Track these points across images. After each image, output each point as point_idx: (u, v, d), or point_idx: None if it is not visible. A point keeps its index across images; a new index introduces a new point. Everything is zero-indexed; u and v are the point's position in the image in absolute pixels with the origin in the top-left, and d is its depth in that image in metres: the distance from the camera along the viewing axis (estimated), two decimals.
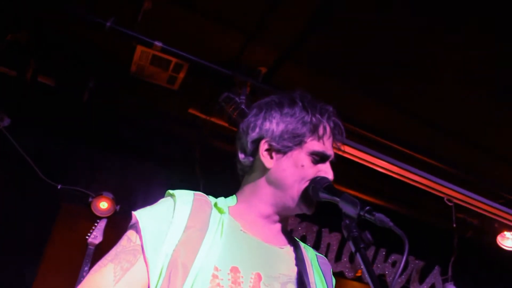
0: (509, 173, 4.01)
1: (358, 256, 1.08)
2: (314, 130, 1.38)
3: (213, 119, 3.83)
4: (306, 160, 1.37)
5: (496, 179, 4.04)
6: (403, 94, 3.47)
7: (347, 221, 1.14)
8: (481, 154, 3.82)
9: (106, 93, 3.56)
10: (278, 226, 1.45)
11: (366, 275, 1.05)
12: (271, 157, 1.39)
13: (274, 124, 1.40)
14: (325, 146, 1.40)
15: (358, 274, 4.46)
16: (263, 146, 1.40)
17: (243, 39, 3.19)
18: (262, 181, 1.41)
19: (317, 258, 1.50)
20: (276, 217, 1.42)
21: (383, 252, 4.57)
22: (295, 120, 1.38)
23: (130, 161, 3.86)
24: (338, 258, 4.42)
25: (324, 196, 1.27)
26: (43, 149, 3.67)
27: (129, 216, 1.33)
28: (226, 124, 3.54)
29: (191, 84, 3.63)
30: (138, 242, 1.22)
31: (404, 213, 4.16)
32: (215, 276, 1.18)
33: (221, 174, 3.10)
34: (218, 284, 1.18)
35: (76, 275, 3.42)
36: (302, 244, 1.50)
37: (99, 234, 3.59)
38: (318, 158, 1.38)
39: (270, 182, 1.39)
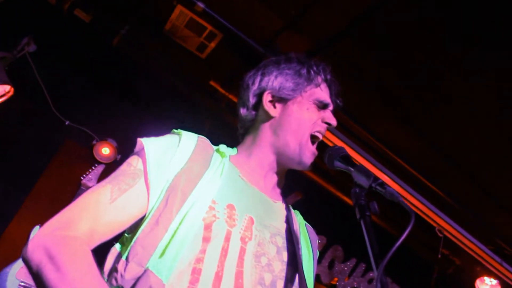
0: (509, 224, 4.01)
1: (361, 223, 1.10)
2: (310, 79, 1.46)
3: (231, 96, 3.85)
4: (309, 105, 1.45)
5: (494, 224, 4.04)
6: (420, 114, 3.49)
7: (357, 190, 1.16)
8: (486, 196, 3.82)
9: (136, 43, 3.57)
10: (275, 179, 1.48)
11: (367, 243, 1.06)
12: (275, 107, 1.46)
13: (273, 77, 1.48)
14: (324, 94, 1.48)
15: (333, 282, 4.47)
16: (266, 97, 1.47)
17: (282, 23, 3.22)
18: (265, 131, 1.46)
19: (305, 225, 1.54)
20: (275, 167, 1.46)
21: (362, 266, 4.58)
22: (292, 72, 1.47)
23: (143, 115, 3.87)
24: (318, 261, 4.41)
25: (338, 164, 1.30)
26: (61, 83, 3.68)
27: None
28: None
29: (219, 56, 3.65)
30: (140, 166, 1.25)
31: (391, 232, 4.16)
32: (211, 208, 1.21)
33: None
34: (214, 215, 1.21)
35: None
36: (292, 209, 1.54)
37: (94, 178, 3.61)
38: (320, 104, 1.46)
39: (274, 131, 1.45)
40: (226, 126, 3.76)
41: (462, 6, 2.67)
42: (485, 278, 4.42)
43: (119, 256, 1.19)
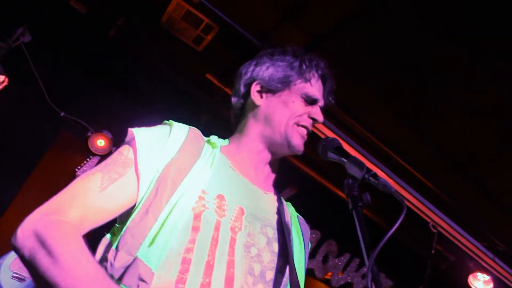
0: (503, 220, 4.03)
1: (354, 214, 1.09)
2: (301, 73, 1.46)
3: (227, 90, 3.84)
4: (296, 98, 1.44)
5: (488, 221, 4.05)
6: (418, 112, 3.50)
7: (350, 181, 1.16)
8: (481, 193, 3.83)
9: (132, 35, 3.55)
10: (267, 170, 1.48)
11: (359, 234, 1.05)
12: (261, 97, 1.47)
13: (265, 67, 1.48)
14: (313, 89, 1.47)
15: (327, 277, 4.48)
16: (255, 87, 1.48)
17: (279, 17, 3.20)
18: (252, 120, 1.47)
19: (297, 216, 1.53)
20: (265, 157, 1.46)
21: (356, 261, 4.60)
22: (285, 64, 1.47)
23: (138, 107, 3.85)
24: (312, 256, 4.44)
25: (332, 156, 1.29)
26: (56, 74, 3.66)
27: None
28: None
29: (216, 49, 3.63)
30: (130, 156, 1.25)
31: (384, 227, 4.17)
32: (201, 198, 1.21)
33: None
34: (204, 205, 1.20)
35: None
36: (284, 200, 1.53)
37: (89, 170, 3.60)
38: (308, 99, 1.45)
39: (259, 120, 1.45)
40: (222, 119, 3.75)
41: (462, 5, 2.67)
42: (478, 274, 4.43)
43: (109, 246, 1.18)
